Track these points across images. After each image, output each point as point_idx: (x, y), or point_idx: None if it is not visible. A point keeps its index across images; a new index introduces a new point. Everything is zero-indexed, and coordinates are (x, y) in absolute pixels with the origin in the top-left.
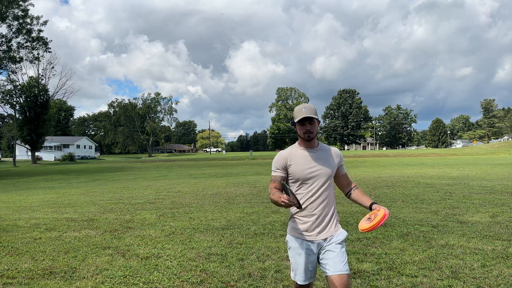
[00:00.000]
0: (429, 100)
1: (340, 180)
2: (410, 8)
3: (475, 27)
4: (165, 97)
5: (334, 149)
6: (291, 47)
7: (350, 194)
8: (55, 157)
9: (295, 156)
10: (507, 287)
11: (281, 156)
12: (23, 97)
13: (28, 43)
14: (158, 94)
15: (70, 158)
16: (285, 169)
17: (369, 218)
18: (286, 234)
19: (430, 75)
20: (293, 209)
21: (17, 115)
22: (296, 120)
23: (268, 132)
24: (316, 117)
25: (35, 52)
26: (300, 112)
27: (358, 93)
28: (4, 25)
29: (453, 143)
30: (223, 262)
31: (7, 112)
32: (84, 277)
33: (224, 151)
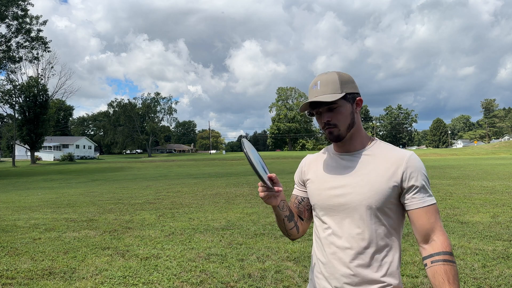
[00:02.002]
0: (431, 100)
1: (412, 221)
2: (412, 7)
3: (478, 26)
4: (164, 97)
5: (398, 154)
6: (293, 46)
7: (426, 265)
8: (54, 157)
9: (318, 164)
10: (507, 287)
11: (301, 163)
12: (22, 97)
13: (28, 43)
14: (157, 94)
15: (70, 158)
16: (304, 185)
17: None
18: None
19: (432, 75)
20: (312, 263)
21: (16, 115)
22: (300, 108)
23: (268, 132)
24: (338, 96)
25: (34, 52)
26: (310, 92)
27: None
28: (4, 25)
29: (453, 143)
30: (223, 263)
31: (6, 112)
32: (84, 278)
33: (224, 151)
